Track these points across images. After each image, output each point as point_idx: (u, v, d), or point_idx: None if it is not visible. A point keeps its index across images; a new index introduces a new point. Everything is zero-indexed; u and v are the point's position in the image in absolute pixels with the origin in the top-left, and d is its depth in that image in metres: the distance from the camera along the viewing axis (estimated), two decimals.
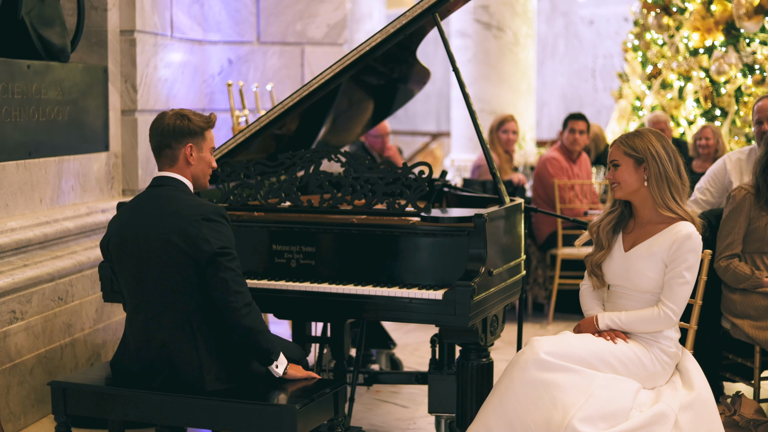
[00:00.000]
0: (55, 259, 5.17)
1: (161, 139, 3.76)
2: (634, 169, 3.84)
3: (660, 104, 9.43)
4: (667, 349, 3.78)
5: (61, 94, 5.50)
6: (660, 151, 3.81)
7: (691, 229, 3.78)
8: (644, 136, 3.85)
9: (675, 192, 3.82)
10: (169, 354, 3.65)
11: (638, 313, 3.80)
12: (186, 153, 3.76)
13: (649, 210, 3.86)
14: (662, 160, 3.80)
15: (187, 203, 3.68)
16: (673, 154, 3.84)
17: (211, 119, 3.83)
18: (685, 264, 3.74)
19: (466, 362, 4.08)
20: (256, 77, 7.26)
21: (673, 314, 3.75)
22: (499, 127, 7.87)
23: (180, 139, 3.75)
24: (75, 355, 5.27)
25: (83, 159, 5.73)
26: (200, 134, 3.78)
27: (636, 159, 3.83)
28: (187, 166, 3.78)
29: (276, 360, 3.65)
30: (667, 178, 3.81)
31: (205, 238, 3.58)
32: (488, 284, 3.97)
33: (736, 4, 8.46)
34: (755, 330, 4.57)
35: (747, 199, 4.68)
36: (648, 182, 3.82)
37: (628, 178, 3.85)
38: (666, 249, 3.77)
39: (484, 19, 10.14)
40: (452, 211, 4.22)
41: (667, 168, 3.80)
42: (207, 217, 3.62)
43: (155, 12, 6.35)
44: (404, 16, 4.47)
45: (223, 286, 3.57)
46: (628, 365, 3.71)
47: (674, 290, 3.75)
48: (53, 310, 5.09)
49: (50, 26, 5.43)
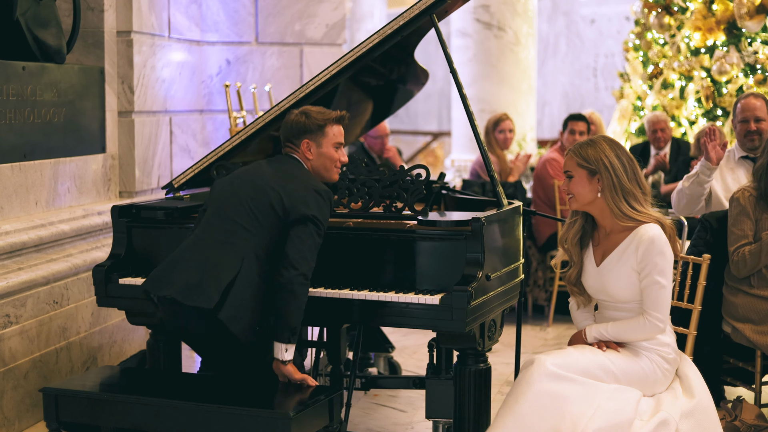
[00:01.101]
0: (50, 262, 5.14)
1: (283, 134, 4.02)
2: (588, 181, 3.73)
3: (661, 104, 9.38)
4: (666, 355, 3.72)
5: (57, 96, 5.47)
6: (614, 161, 3.69)
7: (654, 231, 3.65)
8: (597, 145, 3.74)
9: (633, 200, 3.69)
10: (206, 272, 3.72)
11: (625, 324, 3.72)
12: (303, 149, 3.97)
13: (609, 219, 3.74)
14: (616, 171, 3.68)
15: (307, 175, 3.94)
16: (628, 163, 3.72)
17: (333, 115, 4.00)
18: (656, 269, 3.63)
19: (464, 367, 4.03)
20: (255, 78, 7.22)
21: (658, 321, 3.66)
22: (495, 127, 7.78)
23: (298, 136, 3.97)
24: (70, 359, 5.23)
25: (79, 161, 5.69)
26: (318, 131, 3.96)
27: (589, 170, 3.72)
28: (307, 160, 3.99)
29: (290, 343, 3.71)
30: (622, 188, 3.68)
31: (308, 203, 3.76)
32: (486, 289, 3.92)
33: (738, 3, 8.41)
34: (756, 334, 4.52)
35: (750, 200, 4.63)
36: (602, 194, 3.71)
37: (582, 190, 3.74)
38: (633, 257, 3.67)
39: (485, 18, 10.09)
40: (450, 214, 4.18)
41: (622, 178, 3.68)
42: (318, 190, 3.83)
43: (152, 13, 6.31)
44: (402, 17, 4.42)
45: (301, 246, 3.71)
46: (630, 374, 3.65)
47: (652, 297, 3.65)
48: (48, 314, 5.05)
49: (46, 27, 5.39)
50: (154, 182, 6.37)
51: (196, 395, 3.70)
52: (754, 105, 5.35)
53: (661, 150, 8.35)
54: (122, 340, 5.74)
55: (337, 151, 4.02)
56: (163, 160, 6.48)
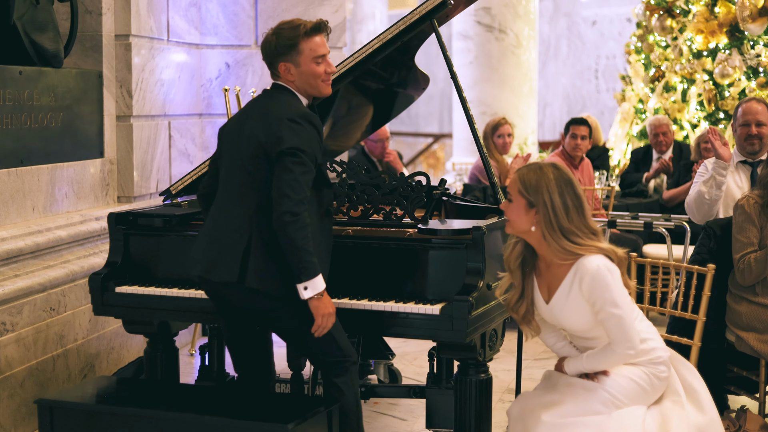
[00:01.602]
0: (47, 268, 5.09)
1: (265, 60, 3.78)
2: (525, 211, 3.44)
3: (663, 107, 9.34)
4: (657, 360, 3.53)
5: (55, 100, 5.42)
6: (555, 199, 3.38)
7: (593, 265, 3.37)
8: (543, 177, 3.41)
9: (571, 236, 3.40)
10: (221, 243, 3.66)
11: (598, 355, 3.47)
12: (282, 72, 3.74)
13: (547, 252, 3.45)
14: (555, 210, 3.38)
15: (282, 106, 3.68)
16: (573, 203, 3.41)
17: (304, 29, 3.70)
18: (607, 302, 3.37)
19: (465, 377, 3.98)
20: (255, 81, 7.16)
21: (628, 349, 3.41)
22: (494, 131, 7.72)
23: (273, 60, 3.74)
24: (68, 367, 5.18)
25: (77, 166, 5.64)
26: (292, 50, 3.70)
27: (528, 201, 3.43)
28: (290, 82, 3.76)
29: (305, 282, 3.54)
30: (560, 227, 3.39)
31: (281, 136, 3.57)
32: (487, 298, 3.87)
33: (740, 6, 8.38)
34: (761, 343, 4.47)
35: (755, 207, 4.58)
36: (538, 228, 3.42)
37: (517, 219, 3.47)
38: (579, 292, 3.41)
39: (486, 21, 10.05)
40: (450, 222, 4.13)
41: (561, 219, 3.38)
42: (291, 117, 3.61)
43: (151, 16, 6.26)
44: (402, 22, 4.39)
45: (279, 184, 3.54)
46: (629, 393, 3.48)
47: (612, 331, 3.40)
48: (45, 321, 5.00)
49: (43, 31, 5.34)
50: (152, 187, 6.32)
51: (193, 407, 3.66)
52: (755, 109, 5.32)
53: (663, 154, 8.31)
54: (120, 346, 5.69)
55: (319, 65, 3.73)
56: (161, 165, 6.43)
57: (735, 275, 4.58)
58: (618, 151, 9.92)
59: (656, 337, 3.58)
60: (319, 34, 3.74)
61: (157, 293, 4.19)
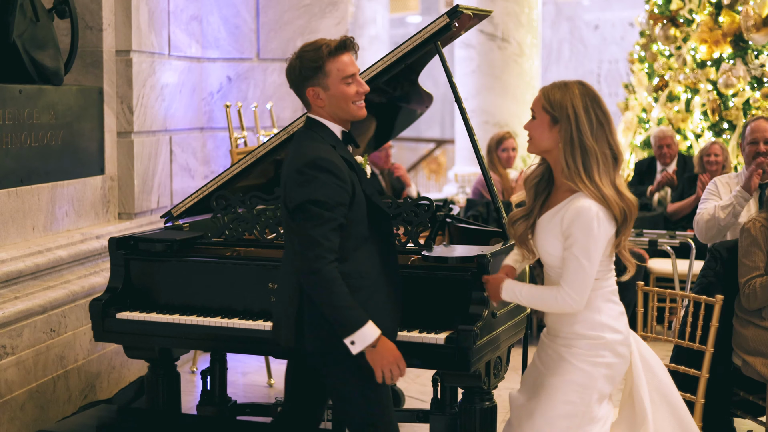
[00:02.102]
0: (47, 289, 5.05)
1: (291, 87, 3.51)
2: (548, 128, 3.32)
3: (667, 117, 9.28)
4: (597, 340, 3.35)
5: (55, 118, 5.37)
6: (580, 113, 3.26)
7: (586, 204, 3.26)
8: (569, 91, 3.30)
9: (592, 163, 3.27)
10: (277, 311, 3.53)
11: (540, 291, 3.37)
12: (311, 98, 3.44)
13: (560, 173, 3.35)
14: (579, 124, 3.26)
15: (297, 153, 3.40)
16: (597, 119, 3.28)
17: (328, 49, 3.39)
18: (577, 244, 3.25)
19: (470, 405, 3.94)
20: (256, 94, 7.12)
21: (569, 298, 3.28)
22: (498, 145, 7.67)
23: (300, 87, 3.45)
24: (68, 388, 5.13)
25: (78, 183, 5.60)
26: (318, 71, 3.39)
27: (552, 117, 3.30)
28: (320, 108, 3.46)
29: (350, 336, 3.28)
30: (581, 144, 3.25)
31: (290, 195, 3.34)
32: (492, 326, 3.83)
33: (744, 16, 8.32)
34: (767, 368, 4.42)
35: (761, 231, 4.54)
36: (560, 146, 3.30)
37: (540, 136, 3.34)
38: (560, 223, 3.31)
39: (489, 29, 10.00)
40: (454, 248, 4.08)
41: (584, 134, 3.25)
42: (299, 169, 3.33)
43: (152, 31, 6.21)
44: (406, 45, 4.35)
45: (293, 244, 3.36)
46: (578, 404, 3.37)
47: (568, 270, 3.28)
48: (45, 343, 4.96)
49: (43, 49, 5.30)
50: (153, 203, 6.28)
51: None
52: (764, 127, 5.27)
53: (667, 166, 8.26)
54: (121, 365, 5.65)
55: (350, 86, 3.43)
56: (162, 180, 6.39)
57: (741, 300, 4.53)
58: None
59: (615, 320, 3.41)
60: (345, 53, 3.42)
61: (158, 320, 4.14)
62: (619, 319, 3.43)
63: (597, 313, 3.39)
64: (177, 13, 6.56)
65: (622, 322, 3.44)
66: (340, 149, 3.43)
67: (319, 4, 7.23)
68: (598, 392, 3.40)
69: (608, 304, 3.41)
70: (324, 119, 3.47)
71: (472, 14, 4.42)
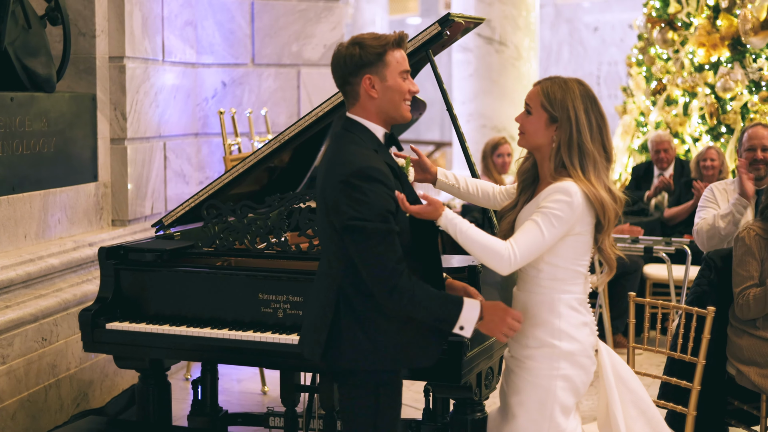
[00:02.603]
0: (38, 298, 5.02)
1: (338, 77, 3.28)
2: (545, 125, 3.28)
3: (664, 120, 9.25)
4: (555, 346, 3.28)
5: (47, 126, 5.35)
6: (581, 115, 3.23)
7: (569, 184, 3.20)
8: (569, 90, 3.26)
9: (586, 164, 3.23)
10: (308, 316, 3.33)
11: (483, 237, 3.20)
12: (365, 86, 3.23)
13: (547, 168, 3.32)
14: (580, 126, 3.22)
15: (341, 158, 3.17)
16: (597, 123, 3.25)
17: (391, 38, 3.26)
18: (543, 211, 3.18)
19: (462, 417, 3.90)
20: (251, 100, 7.10)
21: (512, 253, 3.16)
22: (493, 151, 7.63)
23: (355, 73, 3.23)
24: (60, 397, 5.11)
25: (70, 191, 5.58)
26: (379, 60, 3.22)
27: (551, 116, 3.26)
28: (371, 101, 3.24)
29: (453, 327, 3.16)
30: (579, 145, 3.23)
31: (339, 207, 3.13)
32: (483, 338, 3.80)
33: (742, 19, 8.29)
34: (762, 378, 4.39)
35: (756, 240, 4.50)
36: (554, 144, 3.26)
37: (535, 133, 3.30)
38: (535, 206, 3.26)
39: (486, 33, 9.96)
40: (446, 258, 4.05)
41: (584, 136, 3.22)
42: (346, 180, 3.11)
43: (146, 36, 6.19)
44: None
45: (362, 265, 3.12)
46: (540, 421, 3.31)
47: (523, 230, 3.20)
48: (37, 352, 4.94)
49: (35, 56, 5.28)
50: (147, 209, 6.26)
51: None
52: (762, 134, 5.24)
53: (664, 171, 8.23)
54: (114, 374, 5.62)
55: (405, 81, 3.28)
56: (157, 186, 6.36)
57: (735, 310, 4.50)
58: (619, 165, 9.84)
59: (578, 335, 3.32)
60: (401, 48, 3.30)
61: (148, 330, 4.12)
62: (580, 328, 3.34)
63: (557, 318, 3.31)
64: (171, 19, 6.54)
65: (583, 332, 3.35)
66: (382, 153, 3.26)
67: (314, 9, 7.21)
68: (559, 405, 3.33)
69: (571, 312, 3.33)
70: (365, 120, 3.27)
71: (464, 22, 4.39)
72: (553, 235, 3.20)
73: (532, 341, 3.34)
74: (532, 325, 3.34)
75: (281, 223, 4.25)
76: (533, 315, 3.34)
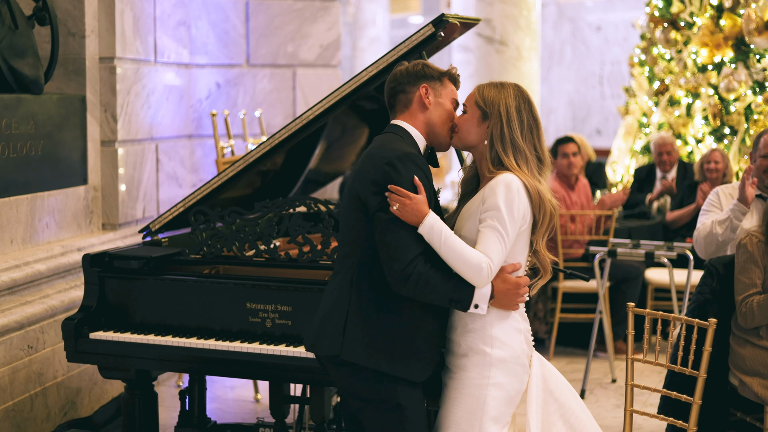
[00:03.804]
0: (24, 305, 4.91)
1: (395, 84, 3.37)
2: (477, 123, 3.27)
3: (667, 121, 9.12)
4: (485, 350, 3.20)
5: (35, 128, 5.24)
6: (512, 112, 3.22)
7: (509, 177, 3.17)
8: (504, 90, 3.27)
9: (520, 158, 3.21)
10: (323, 313, 3.27)
11: (463, 246, 3.13)
12: (421, 94, 3.32)
13: (485, 167, 3.29)
14: (510, 122, 3.22)
15: (388, 146, 3.22)
16: (529, 123, 3.24)
17: (452, 71, 3.45)
18: (494, 213, 3.13)
19: None
20: (246, 101, 6.98)
21: (484, 264, 3.10)
22: None
23: (414, 82, 3.34)
24: (47, 406, 5.00)
25: (59, 194, 5.47)
26: (438, 79, 3.37)
27: (483, 112, 3.26)
28: (421, 111, 3.33)
29: (468, 307, 3.14)
30: (512, 141, 3.21)
31: (377, 185, 3.15)
32: None
33: (746, 19, 8.17)
34: (765, 390, 4.26)
35: (758, 246, 4.38)
36: (488, 141, 3.24)
37: (468, 131, 3.28)
38: (480, 202, 3.21)
39: (486, 33, 9.83)
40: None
41: (514, 131, 3.21)
42: (390, 161, 3.14)
43: (137, 37, 6.07)
44: (392, 53, 4.22)
45: (384, 248, 3.13)
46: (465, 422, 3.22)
47: (487, 239, 3.13)
48: (22, 360, 4.82)
49: (22, 57, 5.17)
50: (139, 213, 6.14)
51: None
52: None
53: (667, 173, 8.11)
54: (103, 381, 5.51)
55: (454, 109, 3.39)
56: (148, 190, 6.25)
57: (737, 318, 4.38)
58: (621, 166, 9.72)
59: (510, 342, 3.25)
60: (455, 85, 3.44)
61: (132, 340, 4.00)
62: (513, 336, 3.25)
63: (489, 326, 3.23)
64: (164, 19, 6.42)
65: (516, 339, 3.26)
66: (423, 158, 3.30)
67: (310, 8, 7.09)
68: (489, 416, 3.22)
69: (504, 320, 3.24)
70: (412, 127, 3.33)
71: (459, 23, 4.27)
72: (512, 234, 3.17)
73: (463, 348, 3.26)
74: (464, 332, 3.26)
75: (270, 229, 4.14)
76: (465, 322, 3.26)
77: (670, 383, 4.40)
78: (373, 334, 3.19)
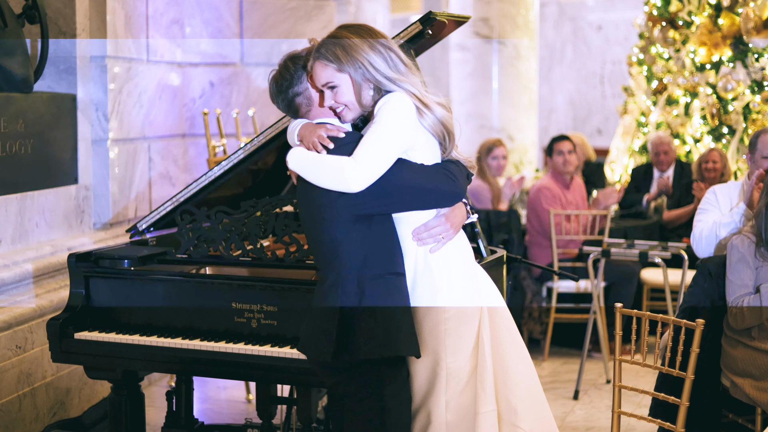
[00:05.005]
0: (12, 305, 4.88)
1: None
2: (352, 84, 3.08)
3: (665, 121, 9.08)
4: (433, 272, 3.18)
5: (24, 127, 5.21)
6: (370, 54, 3.07)
7: (399, 94, 3.07)
8: (344, 40, 3.08)
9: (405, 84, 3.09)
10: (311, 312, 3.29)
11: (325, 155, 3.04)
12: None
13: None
14: (375, 64, 3.07)
15: None
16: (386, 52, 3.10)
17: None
18: (379, 122, 3.01)
19: None
20: (240, 100, 6.95)
21: (356, 170, 2.96)
22: (488, 153, 7.46)
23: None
24: (35, 406, 4.97)
25: (49, 194, 5.44)
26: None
27: (347, 73, 3.08)
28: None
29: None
30: (386, 76, 3.08)
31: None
32: None
33: (744, 18, 8.12)
34: (757, 391, 4.22)
35: (750, 247, 4.34)
36: (369, 88, 3.09)
37: (351, 97, 3.10)
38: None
39: (484, 31, 9.81)
40: None
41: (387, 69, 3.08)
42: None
43: (129, 35, 6.05)
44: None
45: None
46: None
47: (362, 143, 3.01)
48: (9, 360, 4.80)
49: (11, 56, 5.14)
50: (131, 212, 6.11)
51: None
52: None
53: (664, 173, 8.07)
54: (93, 381, 5.48)
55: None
56: (141, 189, 6.22)
57: (728, 319, 4.34)
58: (619, 165, 9.68)
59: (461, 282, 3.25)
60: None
61: (117, 340, 3.97)
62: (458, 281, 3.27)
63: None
64: (156, 17, 6.39)
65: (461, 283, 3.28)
66: None
67: (305, 7, 7.06)
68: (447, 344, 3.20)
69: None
70: None
71: (448, 21, 4.23)
72: (396, 147, 3.04)
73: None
74: None
75: (257, 229, 4.11)
76: None
77: (661, 385, 4.36)
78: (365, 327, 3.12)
